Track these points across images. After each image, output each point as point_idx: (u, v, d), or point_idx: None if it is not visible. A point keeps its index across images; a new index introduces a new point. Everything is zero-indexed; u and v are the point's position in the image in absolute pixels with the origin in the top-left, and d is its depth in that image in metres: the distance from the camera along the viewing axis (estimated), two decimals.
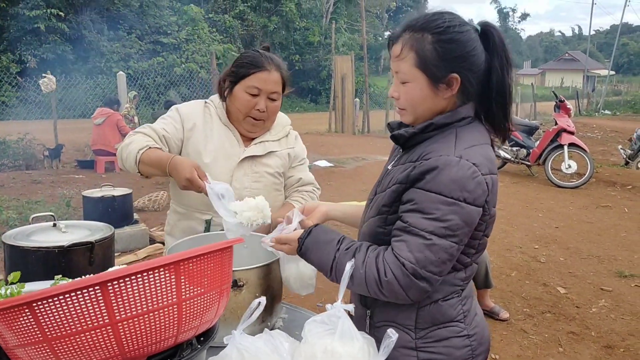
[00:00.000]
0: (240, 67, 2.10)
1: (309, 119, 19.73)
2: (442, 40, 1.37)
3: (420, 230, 1.32)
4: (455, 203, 1.31)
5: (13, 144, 10.37)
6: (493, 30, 1.42)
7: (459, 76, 1.39)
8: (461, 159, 1.33)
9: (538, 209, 7.90)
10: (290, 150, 2.28)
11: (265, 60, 2.09)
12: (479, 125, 1.46)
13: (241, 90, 2.09)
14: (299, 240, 1.51)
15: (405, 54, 1.41)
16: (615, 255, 5.88)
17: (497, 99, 1.43)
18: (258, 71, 2.07)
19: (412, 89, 1.43)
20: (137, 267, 0.95)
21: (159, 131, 2.09)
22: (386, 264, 1.34)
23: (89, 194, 5.22)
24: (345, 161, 11.41)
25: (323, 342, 1.37)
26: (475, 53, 1.39)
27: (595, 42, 75.35)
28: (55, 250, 1.83)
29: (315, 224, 1.56)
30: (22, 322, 0.93)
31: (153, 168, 1.95)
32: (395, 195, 1.41)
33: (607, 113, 28.68)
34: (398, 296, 1.35)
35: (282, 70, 2.14)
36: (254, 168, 2.16)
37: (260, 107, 2.09)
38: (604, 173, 10.60)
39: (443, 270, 1.34)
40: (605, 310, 4.51)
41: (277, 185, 2.23)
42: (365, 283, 1.37)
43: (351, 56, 18.05)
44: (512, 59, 1.44)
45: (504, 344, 3.92)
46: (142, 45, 21.21)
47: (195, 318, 1.06)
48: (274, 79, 2.09)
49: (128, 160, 1.99)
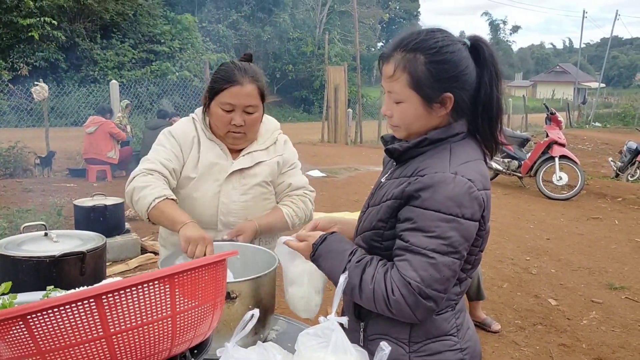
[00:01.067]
0: (215, 82, 2.06)
1: (302, 128, 19.77)
2: (435, 61, 1.37)
3: (422, 249, 1.32)
4: (454, 220, 1.32)
5: (4, 151, 10.31)
6: (483, 45, 1.42)
7: (453, 95, 1.39)
8: (457, 175, 1.33)
9: (529, 221, 7.93)
10: (279, 157, 2.23)
11: (238, 74, 2.03)
12: (472, 141, 1.47)
13: (216, 106, 2.06)
14: (313, 245, 1.52)
15: (398, 75, 1.41)
16: (605, 267, 5.92)
17: (483, 113, 1.44)
18: (230, 86, 2.02)
19: (406, 109, 1.43)
20: (131, 280, 0.95)
21: (168, 166, 2.05)
22: (393, 282, 1.34)
23: (81, 203, 5.20)
24: (338, 171, 11.43)
25: (316, 355, 1.36)
26: (467, 72, 1.40)
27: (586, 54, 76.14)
28: (46, 260, 1.82)
29: (332, 232, 1.56)
30: (15, 334, 0.92)
31: (163, 222, 1.94)
32: (391, 210, 1.42)
33: (597, 125, 28.91)
34: (405, 315, 1.35)
35: (258, 81, 2.07)
36: (242, 181, 2.13)
37: (237, 122, 2.05)
38: (595, 185, 10.67)
39: (447, 287, 1.35)
40: (596, 322, 4.53)
41: (265, 195, 2.20)
42: (374, 299, 1.37)
43: (344, 67, 18.15)
44: (502, 72, 1.44)
45: (495, 356, 3.92)
46: (136, 54, 21.22)
47: (189, 331, 1.06)
48: (247, 93, 2.03)
49: (139, 204, 1.95)
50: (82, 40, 20.63)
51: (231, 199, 2.11)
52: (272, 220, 2.16)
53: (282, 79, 31.09)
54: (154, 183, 1.97)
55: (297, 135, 17.08)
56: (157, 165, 2.03)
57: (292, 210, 2.20)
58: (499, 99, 1.44)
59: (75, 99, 16.06)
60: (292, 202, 2.24)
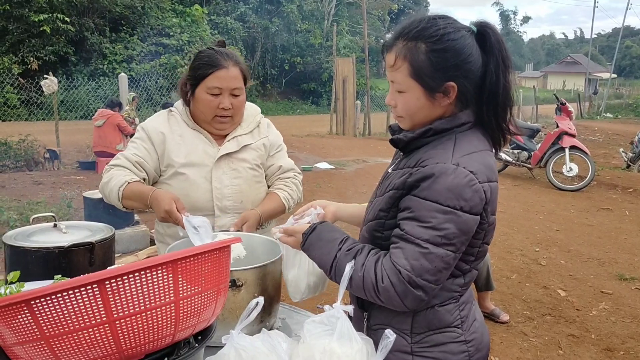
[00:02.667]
0: (198, 68, 2.08)
1: (310, 121, 19.78)
2: (436, 49, 1.34)
3: (416, 239, 1.31)
4: (451, 212, 1.29)
5: (14, 145, 10.39)
6: (490, 31, 1.38)
7: (456, 84, 1.36)
8: (458, 166, 1.31)
9: (539, 212, 7.89)
10: (264, 140, 2.26)
11: (221, 58, 2.06)
12: (479, 132, 1.43)
13: (202, 92, 2.07)
14: (303, 235, 1.51)
15: (399, 65, 1.39)
16: (615, 258, 5.88)
17: (489, 101, 1.40)
18: (216, 70, 2.04)
19: (408, 99, 1.41)
20: (134, 266, 0.96)
21: (131, 158, 2.10)
22: (384, 269, 1.33)
23: (90, 195, 5.23)
24: (346, 163, 11.41)
25: (321, 342, 1.37)
26: (471, 59, 1.36)
27: (597, 45, 75.26)
28: (55, 251, 1.83)
29: (322, 221, 1.55)
30: (20, 319, 0.93)
31: (136, 202, 2.00)
32: (393, 201, 1.40)
33: (609, 116, 28.67)
34: (394, 303, 1.34)
35: (240, 64, 2.11)
36: (231, 165, 2.15)
37: (225, 105, 2.07)
38: (605, 176, 10.59)
39: (439, 279, 1.33)
40: (606, 313, 4.51)
41: (257, 178, 2.22)
42: (363, 287, 1.36)
43: (352, 58, 18.08)
44: (510, 59, 1.40)
45: (504, 346, 3.91)
46: (144, 47, 21.24)
47: (192, 317, 1.06)
48: (233, 75, 2.06)
49: (111, 197, 2.04)
50: (91, 34, 20.71)
51: (223, 184, 2.13)
52: (272, 207, 2.20)
53: (291, 71, 31.04)
54: (114, 174, 2.04)
55: (305, 127, 17.09)
56: (120, 160, 2.10)
57: (287, 193, 2.26)
58: (507, 87, 1.40)
59: (85, 93, 16.15)
60: (286, 184, 2.28)
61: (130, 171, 2.08)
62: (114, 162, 2.11)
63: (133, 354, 1.00)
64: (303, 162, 11.03)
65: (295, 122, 20.24)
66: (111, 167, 2.10)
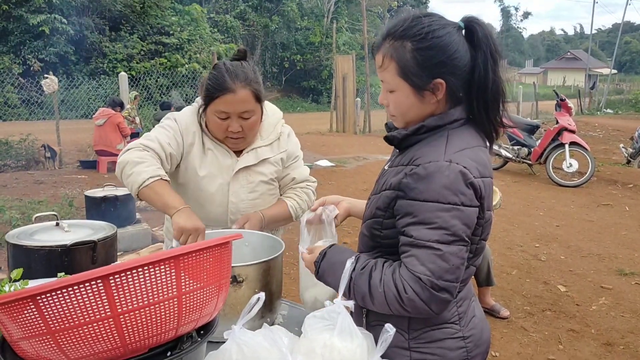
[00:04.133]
0: (207, 90, 2.00)
1: (310, 118, 19.77)
2: (421, 47, 1.35)
3: (426, 242, 1.30)
4: (453, 208, 1.30)
5: (16, 144, 10.41)
6: (477, 26, 1.39)
7: (444, 80, 1.37)
8: (451, 163, 1.32)
9: (539, 208, 7.91)
10: (283, 154, 2.21)
11: (229, 80, 1.95)
12: (472, 128, 1.44)
13: (211, 114, 2.01)
14: (314, 264, 1.51)
15: (387, 64, 1.40)
16: (615, 253, 5.90)
17: (478, 96, 1.40)
18: (222, 94, 1.95)
19: (398, 98, 1.42)
20: (138, 261, 0.97)
21: (166, 149, 2.00)
22: (403, 280, 1.32)
23: (92, 194, 5.24)
24: (347, 161, 11.42)
25: (322, 337, 1.38)
26: (457, 55, 1.36)
27: (597, 40, 75.18)
28: (58, 249, 1.84)
29: (331, 245, 1.55)
30: (26, 315, 0.95)
31: (156, 203, 1.87)
32: (389, 200, 1.41)
33: (609, 112, 28.61)
34: (421, 311, 1.33)
35: (251, 84, 1.98)
36: (248, 178, 2.12)
37: (233, 129, 2.01)
38: (606, 172, 10.60)
39: (458, 276, 1.33)
40: (606, 308, 4.53)
41: (271, 191, 2.21)
42: (387, 302, 1.35)
43: (352, 56, 18.05)
44: (500, 54, 1.40)
45: (504, 341, 3.94)
46: (144, 46, 21.24)
47: (195, 311, 1.08)
48: (240, 99, 1.96)
49: (131, 179, 1.88)
50: (91, 33, 20.70)
51: (240, 198, 2.11)
52: (277, 212, 2.18)
53: (291, 69, 31.03)
54: (149, 161, 1.91)
55: (305, 125, 17.07)
56: (156, 145, 1.99)
57: (296, 202, 2.23)
58: (497, 82, 1.40)
59: (85, 92, 16.16)
60: (296, 194, 2.26)
61: (162, 162, 1.98)
62: (148, 143, 1.98)
63: (137, 347, 1.02)
64: (303, 159, 11.02)
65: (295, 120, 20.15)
66: (144, 148, 1.96)
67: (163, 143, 2.00)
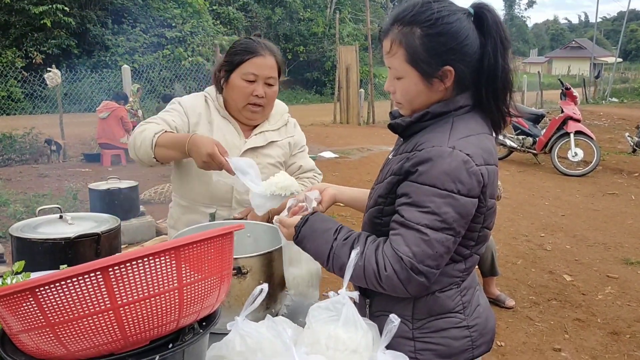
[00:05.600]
0: (235, 54, 2.09)
1: (314, 110, 19.72)
2: (431, 34, 1.33)
3: (415, 224, 1.30)
4: (449, 195, 1.28)
5: (19, 138, 10.42)
6: (487, 13, 1.36)
7: (453, 68, 1.35)
8: (454, 149, 1.30)
9: (544, 197, 7.88)
10: (290, 139, 2.28)
11: (259, 46, 2.08)
12: (477, 115, 1.42)
13: (238, 78, 2.07)
14: (295, 227, 1.49)
15: (395, 50, 1.38)
16: (621, 242, 5.87)
17: (487, 85, 1.38)
18: (253, 57, 2.05)
19: (406, 85, 1.40)
20: (137, 253, 0.96)
21: (169, 122, 2.07)
22: (385, 257, 1.32)
23: (95, 187, 5.23)
24: (350, 152, 11.39)
25: (327, 328, 1.37)
26: (467, 42, 1.34)
27: (602, 29, 74.64)
28: (61, 242, 1.84)
29: (313, 212, 1.53)
30: (25, 307, 0.94)
31: (171, 150, 1.91)
32: (391, 186, 1.40)
33: (614, 101, 28.44)
34: (397, 290, 1.33)
35: (277, 55, 2.13)
36: (255, 159, 2.09)
37: (259, 93, 2.07)
38: (611, 161, 10.55)
39: (440, 264, 1.33)
40: (611, 297, 4.51)
41: None
42: (364, 275, 1.35)
43: (355, 46, 17.97)
44: (509, 41, 1.38)
45: (509, 331, 3.92)
46: (147, 39, 21.18)
47: (196, 303, 1.07)
48: (269, 64, 2.08)
49: (143, 145, 1.94)
50: (94, 26, 20.64)
51: None
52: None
53: (294, 60, 30.91)
54: (149, 127, 1.99)
55: (309, 117, 17.04)
56: (157, 120, 2.06)
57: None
58: (506, 70, 1.38)
59: (88, 85, 16.13)
60: (303, 184, 2.27)
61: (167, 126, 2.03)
62: (150, 120, 2.06)
63: (138, 340, 1.01)
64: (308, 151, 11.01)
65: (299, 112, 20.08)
66: (145, 123, 2.05)
67: (167, 120, 2.07)
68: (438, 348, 1.44)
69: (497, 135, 1.48)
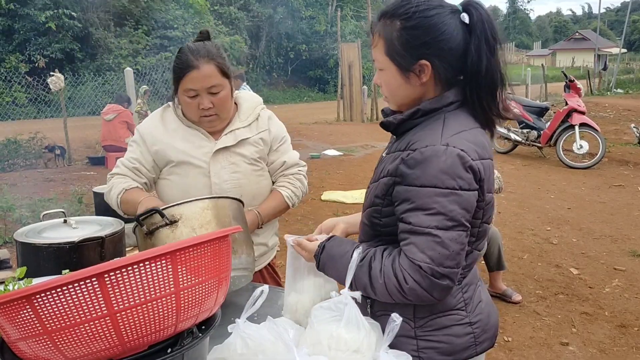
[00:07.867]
0: (174, 71, 2.04)
1: (318, 108, 19.74)
2: (407, 27, 1.33)
3: (425, 228, 1.28)
4: (452, 193, 1.28)
5: (24, 143, 10.46)
6: (472, 10, 1.35)
7: (429, 62, 1.34)
8: (448, 146, 1.29)
9: (550, 191, 7.85)
10: (263, 133, 2.18)
11: (192, 57, 1.98)
12: (468, 110, 1.40)
13: (182, 95, 2.04)
14: (315, 257, 1.50)
15: (376, 42, 1.40)
16: (628, 234, 5.84)
17: (472, 82, 1.36)
18: (188, 72, 1.97)
19: (387, 77, 1.41)
20: (133, 258, 0.95)
21: (129, 165, 2.13)
22: (403, 270, 1.30)
23: (100, 190, 5.21)
24: (354, 149, 11.38)
25: (329, 328, 1.37)
26: (444, 37, 1.32)
27: (606, 20, 74.11)
28: (65, 247, 1.84)
29: (330, 236, 1.53)
30: (22, 315, 0.94)
31: (131, 209, 2.02)
32: (387, 187, 1.39)
33: (619, 92, 28.26)
34: (423, 299, 1.32)
35: (215, 59, 2.00)
36: (229, 159, 2.10)
37: (204, 106, 2.01)
38: (617, 152, 10.49)
39: (459, 262, 1.31)
40: (619, 290, 4.48)
41: (257, 171, 2.17)
42: (388, 292, 1.34)
43: (358, 43, 17.95)
44: (497, 40, 1.35)
45: (516, 326, 3.91)
46: (149, 41, 21.23)
47: (194, 307, 1.06)
48: (206, 74, 1.97)
49: (113, 205, 2.12)
50: (96, 30, 20.72)
51: (222, 179, 2.09)
52: (273, 205, 2.18)
53: (296, 59, 30.92)
54: (114, 183, 2.11)
55: (312, 115, 17.04)
56: (120, 169, 2.16)
57: (290, 191, 2.21)
58: (492, 68, 1.35)
59: (92, 88, 16.18)
60: (289, 182, 2.24)
61: (129, 178, 2.11)
62: (114, 171, 2.18)
63: (136, 345, 1.00)
64: (311, 149, 11.01)
65: (302, 110, 20.24)
66: (112, 176, 2.16)
67: (125, 162, 2.16)
68: (441, 346, 1.43)
69: (493, 132, 1.46)
